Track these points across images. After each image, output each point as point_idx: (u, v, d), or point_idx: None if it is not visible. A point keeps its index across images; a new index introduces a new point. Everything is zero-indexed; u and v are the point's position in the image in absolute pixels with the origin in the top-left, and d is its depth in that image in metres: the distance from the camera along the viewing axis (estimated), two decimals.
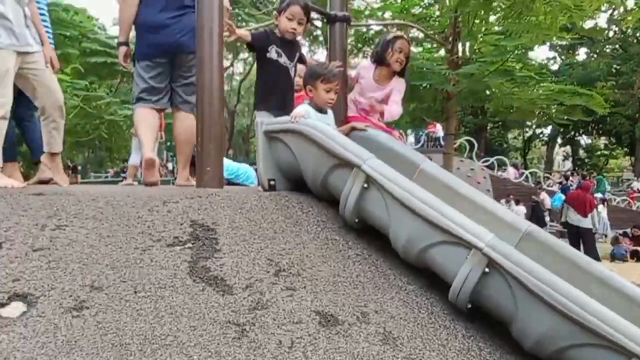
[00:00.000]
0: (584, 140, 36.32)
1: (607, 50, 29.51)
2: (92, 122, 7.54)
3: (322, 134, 2.68)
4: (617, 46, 29.02)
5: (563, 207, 10.58)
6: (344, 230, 2.78)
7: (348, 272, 2.49)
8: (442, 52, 10.34)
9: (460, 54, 9.52)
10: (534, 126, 32.57)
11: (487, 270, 2.25)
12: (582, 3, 4.54)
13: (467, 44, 11.24)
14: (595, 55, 29.78)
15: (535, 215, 14.89)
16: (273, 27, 3.42)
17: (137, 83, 3.33)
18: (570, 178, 18.35)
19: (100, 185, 5.04)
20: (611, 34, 28.44)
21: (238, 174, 5.47)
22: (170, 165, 27.40)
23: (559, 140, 34.69)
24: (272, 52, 3.08)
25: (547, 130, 32.93)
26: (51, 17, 6.24)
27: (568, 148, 37.09)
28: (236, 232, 2.44)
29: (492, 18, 8.12)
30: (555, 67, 30.10)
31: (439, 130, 16.88)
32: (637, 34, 22.88)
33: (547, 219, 14.75)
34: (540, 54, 31.73)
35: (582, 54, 31.80)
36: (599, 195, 15.86)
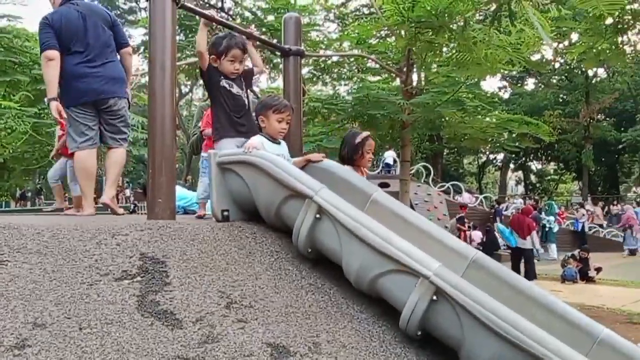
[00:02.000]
0: (535, 165, 37.79)
1: (554, 81, 31.04)
2: (42, 149, 7.34)
3: (275, 166, 2.72)
4: (563, 77, 30.56)
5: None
6: (297, 260, 2.80)
7: (301, 302, 2.50)
8: (398, 82, 10.64)
9: (415, 84, 9.82)
10: (487, 152, 33.66)
11: (434, 298, 2.32)
12: (519, 46, 4.83)
13: (422, 75, 11.63)
14: (542, 86, 31.24)
15: (489, 238, 15.28)
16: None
17: (69, 125, 3.57)
18: (502, 204, 19.09)
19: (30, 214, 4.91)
20: (557, 65, 29.98)
21: (192, 202, 5.43)
22: (127, 192, 26.80)
23: (512, 166, 35.95)
24: (224, 82, 3.14)
25: (500, 156, 34.08)
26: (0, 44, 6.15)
27: (520, 173, 38.45)
28: (187, 265, 2.42)
29: (444, 50, 8.44)
30: (506, 96, 31.38)
31: (387, 156, 17.30)
32: (581, 66, 24.18)
33: (500, 241, 15.13)
34: (493, 83, 33.00)
35: (530, 84, 33.34)
36: (551, 218, 16.44)
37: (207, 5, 20.73)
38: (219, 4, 21.27)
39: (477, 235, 15.80)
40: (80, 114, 3.50)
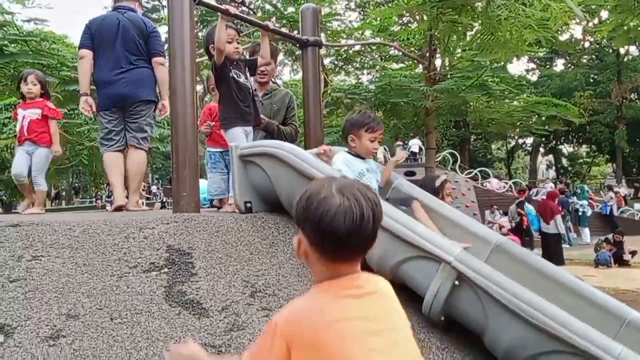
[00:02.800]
0: (566, 148, 36.89)
1: (584, 61, 30.17)
2: (73, 149, 7.55)
3: (296, 157, 2.75)
4: (593, 56, 29.67)
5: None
6: None
7: None
8: (420, 68, 10.55)
9: (439, 70, 9.72)
10: (516, 137, 33.02)
11: (457, 283, 2.32)
12: (546, 22, 4.70)
13: (446, 60, 11.46)
14: (572, 66, 30.41)
15: (519, 224, 15.03)
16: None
17: (100, 129, 3.83)
18: (533, 189, 18.65)
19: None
20: (587, 44, 29.12)
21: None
22: (154, 188, 27.32)
23: (542, 150, 35.17)
24: (233, 72, 3.20)
25: (530, 140, 33.40)
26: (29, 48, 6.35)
27: (551, 157, 37.60)
28: (212, 256, 2.48)
29: (467, 33, 8.31)
30: (534, 79, 30.66)
31: (412, 145, 17.16)
32: (612, 44, 23.45)
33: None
34: (520, 66, 32.28)
35: (560, 65, 32.49)
36: (584, 202, 16.07)
37: (227, 0, 20.85)
38: None
39: (506, 221, 15.56)
40: (106, 118, 3.71)
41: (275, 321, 1.16)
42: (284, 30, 4.30)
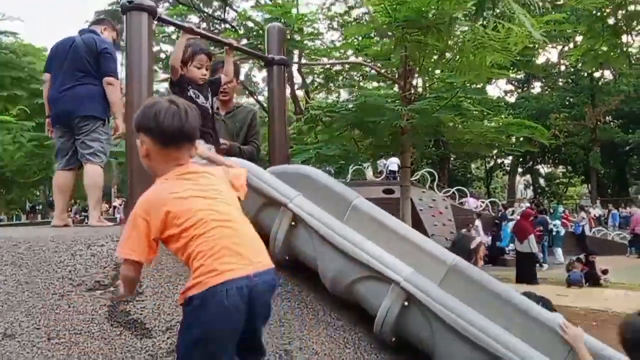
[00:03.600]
0: (543, 169, 37.50)
1: (560, 84, 30.85)
2: (42, 162, 7.45)
3: (251, 174, 2.73)
4: (569, 79, 30.37)
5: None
6: (275, 269, 2.80)
7: (275, 309, 2.50)
8: (397, 88, 10.66)
9: (419, 90, 9.82)
10: (494, 157, 33.49)
11: (406, 304, 2.32)
12: (507, 45, 4.80)
13: (420, 81, 11.61)
14: (548, 89, 31.08)
15: (495, 243, 15.20)
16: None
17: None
18: (509, 208, 18.90)
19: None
20: (563, 67, 29.82)
21: None
22: (117, 202, 26.74)
23: (520, 170, 35.69)
24: (191, 92, 3.12)
25: (508, 160, 33.89)
26: None
27: (529, 177, 38.17)
28: (161, 274, 2.44)
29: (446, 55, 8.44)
30: (512, 100, 31.25)
31: (391, 163, 17.23)
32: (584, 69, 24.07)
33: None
34: (500, 88, 32.82)
35: (537, 87, 33.18)
36: (557, 221, 16.28)
37: (209, 17, 20.91)
38: (222, 16, 21.46)
39: (484, 239, 15.70)
40: (56, 134, 3.74)
41: (133, 213, 1.60)
42: (244, 47, 4.27)
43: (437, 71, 10.18)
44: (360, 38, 11.03)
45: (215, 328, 1.50)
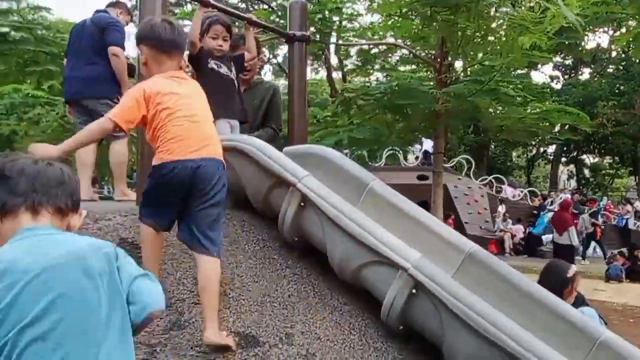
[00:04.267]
0: (589, 159, 36.07)
1: (610, 70, 29.45)
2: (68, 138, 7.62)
3: (261, 152, 2.67)
4: (619, 66, 28.93)
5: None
6: (284, 249, 2.74)
7: (280, 291, 2.45)
8: (432, 72, 10.36)
9: (459, 73, 9.51)
10: (537, 145, 32.41)
11: (414, 291, 2.21)
12: (540, 24, 4.50)
13: (459, 63, 11.24)
14: (597, 75, 29.71)
15: (532, 233, 14.76)
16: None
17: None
18: (549, 198, 18.14)
19: None
20: (614, 54, 28.41)
21: None
22: None
23: (563, 159, 34.44)
24: (212, 63, 3.05)
25: (552, 149, 32.76)
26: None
27: (573, 167, 36.81)
28: (166, 251, 2.41)
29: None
30: (559, 86, 30.05)
31: (426, 142, 16.58)
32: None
33: (547, 237, 14.52)
34: (545, 73, 31.53)
35: (585, 73, 31.77)
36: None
37: None
38: None
39: (519, 229, 15.27)
40: (75, 113, 3.80)
41: (130, 91, 2.12)
42: (264, 23, 4.10)
43: (478, 54, 9.83)
44: (397, 19, 10.73)
45: (163, 182, 2.02)
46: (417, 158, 19.28)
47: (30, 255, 1.12)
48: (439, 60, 9.32)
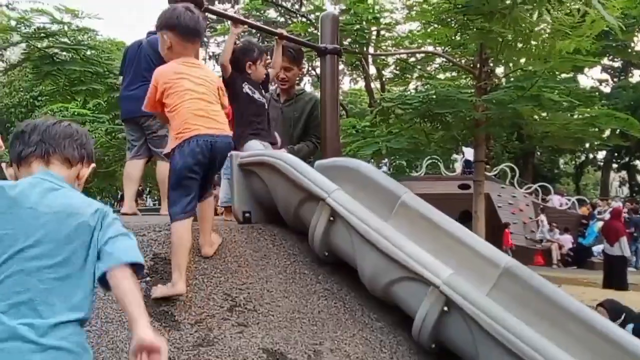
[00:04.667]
0: None
1: None
2: (118, 153, 7.90)
3: (291, 167, 2.67)
4: None
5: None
6: (315, 264, 2.73)
7: (310, 307, 2.43)
8: (471, 80, 10.16)
9: (491, 79, 9.29)
10: (585, 151, 31.22)
11: (446, 309, 2.15)
12: (580, 28, 4.33)
13: (500, 70, 10.99)
14: None
15: (581, 244, 14.18)
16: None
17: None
18: (599, 207, 17.23)
19: None
20: None
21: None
22: None
23: (614, 165, 33.02)
24: (247, 88, 3.08)
25: (601, 154, 31.49)
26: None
27: (625, 173, 35.23)
28: (197, 266, 2.44)
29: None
30: (607, 90, 28.89)
31: (466, 151, 16.13)
32: None
33: (598, 248, 13.92)
34: (592, 77, 30.37)
35: (636, 75, 30.44)
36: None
37: (287, 11, 20.97)
38: (299, 9, 21.52)
39: (568, 240, 14.70)
40: (126, 129, 3.98)
41: (154, 74, 2.39)
42: (295, 37, 4.11)
43: (521, 60, 9.57)
44: (436, 26, 10.59)
45: (190, 156, 2.23)
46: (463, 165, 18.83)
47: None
48: (478, 67, 9.15)
